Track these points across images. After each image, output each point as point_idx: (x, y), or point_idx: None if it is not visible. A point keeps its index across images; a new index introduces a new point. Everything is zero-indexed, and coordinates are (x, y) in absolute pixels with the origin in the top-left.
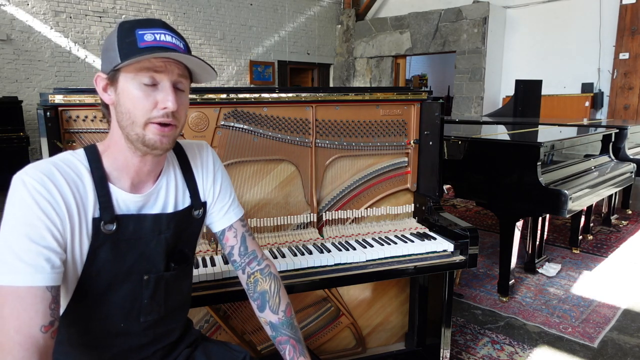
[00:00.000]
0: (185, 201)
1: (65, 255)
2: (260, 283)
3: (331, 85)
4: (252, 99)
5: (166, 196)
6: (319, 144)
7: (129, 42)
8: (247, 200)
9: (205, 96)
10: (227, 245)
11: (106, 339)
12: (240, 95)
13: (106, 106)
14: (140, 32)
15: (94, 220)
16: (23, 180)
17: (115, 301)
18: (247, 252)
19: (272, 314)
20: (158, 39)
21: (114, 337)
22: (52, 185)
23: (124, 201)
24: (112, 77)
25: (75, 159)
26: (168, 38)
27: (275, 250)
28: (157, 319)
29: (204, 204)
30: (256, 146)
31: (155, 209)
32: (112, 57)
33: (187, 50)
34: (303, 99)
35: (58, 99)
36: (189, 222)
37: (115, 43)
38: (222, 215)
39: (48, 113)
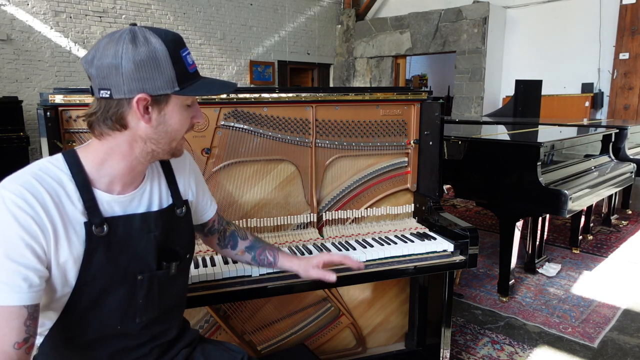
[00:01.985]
0: (168, 200)
1: (49, 273)
2: (228, 229)
3: (331, 85)
4: (252, 99)
5: (150, 196)
6: (319, 144)
7: (182, 67)
8: (247, 200)
9: (205, 96)
10: (210, 223)
11: (103, 340)
12: (240, 95)
13: (113, 119)
14: (183, 54)
15: (85, 224)
16: (2, 196)
17: (111, 304)
18: (223, 221)
19: (243, 241)
20: (192, 60)
21: (110, 339)
22: (31, 197)
23: (109, 203)
24: (160, 100)
25: (53, 166)
26: (191, 57)
27: None
28: (153, 319)
29: (186, 202)
30: (256, 146)
31: (140, 208)
32: (164, 79)
33: None
34: (303, 99)
35: (58, 99)
36: (174, 220)
37: (169, 65)
38: (206, 209)
39: (48, 113)
